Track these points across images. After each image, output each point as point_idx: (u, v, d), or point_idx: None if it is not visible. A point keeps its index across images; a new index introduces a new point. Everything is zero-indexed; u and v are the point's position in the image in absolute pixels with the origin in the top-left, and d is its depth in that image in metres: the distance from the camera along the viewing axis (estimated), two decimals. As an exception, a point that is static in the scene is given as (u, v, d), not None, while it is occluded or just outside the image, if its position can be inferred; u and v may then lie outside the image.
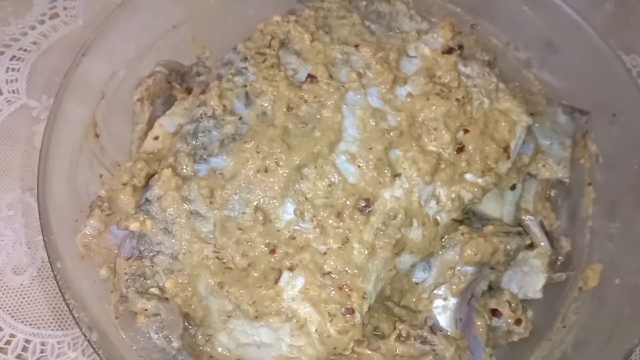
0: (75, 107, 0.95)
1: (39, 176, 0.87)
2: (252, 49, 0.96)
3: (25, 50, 1.38)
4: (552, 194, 1.08)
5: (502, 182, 0.97)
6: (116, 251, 0.88)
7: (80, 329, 0.78)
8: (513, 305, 0.97)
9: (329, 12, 1.02)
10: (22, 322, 1.10)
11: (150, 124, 1.03)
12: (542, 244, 1.02)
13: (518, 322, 0.96)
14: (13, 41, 1.38)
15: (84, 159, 0.96)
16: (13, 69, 1.35)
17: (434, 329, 0.89)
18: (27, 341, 1.09)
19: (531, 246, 1.02)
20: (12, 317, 1.10)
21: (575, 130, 1.05)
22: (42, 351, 1.08)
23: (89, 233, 0.88)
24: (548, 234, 1.03)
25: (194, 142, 0.89)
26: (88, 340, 0.78)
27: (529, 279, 1.02)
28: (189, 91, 1.08)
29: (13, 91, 1.33)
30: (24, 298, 1.12)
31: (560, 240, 1.05)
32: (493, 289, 0.98)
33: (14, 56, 1.36)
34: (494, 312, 0.97)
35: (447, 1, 1.18)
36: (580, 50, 1.06)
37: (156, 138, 0.99)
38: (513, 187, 0.98)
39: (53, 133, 0.91)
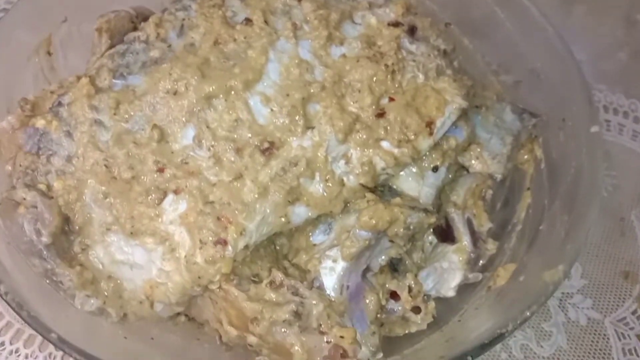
0: (32, 15, 0.99)
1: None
2: (203, -9, 0.98)
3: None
4: (487, 195, 1.01)
5: (422, 160, 0.92)
6: (25, 150, 0.90)
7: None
8: (413, 291, 0.91)
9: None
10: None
11: (105, 57, 1.06)
12: (465, 241, 0.96)
13: (416, 309, 0.90)
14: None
15: (29, 70, 1.00)
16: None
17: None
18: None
19: (452, 240, 0.96)
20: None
21: (520, 130, 1.00)
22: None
23: (2, 127, 0.91)
24: (474, 233, 0.97)
25: (119, 61, 0.92)
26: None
27: (446, 276, 0.96)
28: (151, 35, 1.11)
29: None
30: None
31: (488, 242, 0.98)
32: (398, 271, 0.93)
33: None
34: (393, 295, 0.91)
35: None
36: (539, 52, 1.02)
37: (102, 65, 1.01)
38: (435, 169, 0.93)
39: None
